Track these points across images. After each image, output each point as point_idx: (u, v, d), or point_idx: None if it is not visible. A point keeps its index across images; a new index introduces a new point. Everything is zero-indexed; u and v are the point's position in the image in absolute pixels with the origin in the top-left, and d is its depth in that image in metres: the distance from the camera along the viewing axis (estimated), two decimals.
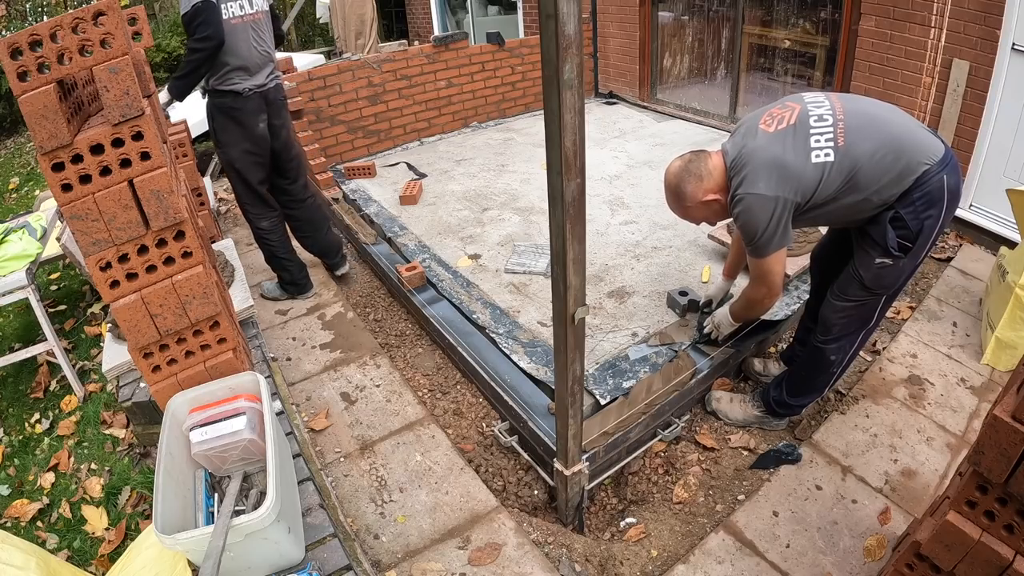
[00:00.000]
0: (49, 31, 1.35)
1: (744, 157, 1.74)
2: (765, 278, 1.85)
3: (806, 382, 2.10)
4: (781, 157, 1.68)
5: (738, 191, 1.74)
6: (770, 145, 1.70)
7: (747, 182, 1.71)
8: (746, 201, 1.71)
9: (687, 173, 1.83)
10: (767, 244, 1.74)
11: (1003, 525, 1.11)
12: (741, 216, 1.74)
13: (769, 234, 1.72)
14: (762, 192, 1.68)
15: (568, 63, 1.14)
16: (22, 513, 2.29)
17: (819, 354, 2.00)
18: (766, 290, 1.88)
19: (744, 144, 1.76)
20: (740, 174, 1.74)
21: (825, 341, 1.97)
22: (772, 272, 1.82)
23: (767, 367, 2.44)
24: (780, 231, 1.72)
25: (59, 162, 1.43)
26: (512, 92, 5.15)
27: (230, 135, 2.73)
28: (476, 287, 2.85)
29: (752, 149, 1.73)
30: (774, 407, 2.19)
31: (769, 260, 1.79)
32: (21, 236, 2.85)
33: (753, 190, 1.69)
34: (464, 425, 2.40)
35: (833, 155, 1.65)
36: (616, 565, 1.87)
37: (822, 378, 2.08)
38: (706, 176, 1.82)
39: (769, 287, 1.87)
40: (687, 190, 1.83)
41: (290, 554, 1.57)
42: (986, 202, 3.18)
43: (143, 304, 1.64)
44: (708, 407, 2.32)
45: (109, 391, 2.82)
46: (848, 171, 1.65)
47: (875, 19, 3.40)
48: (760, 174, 1.69)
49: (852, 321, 1.92)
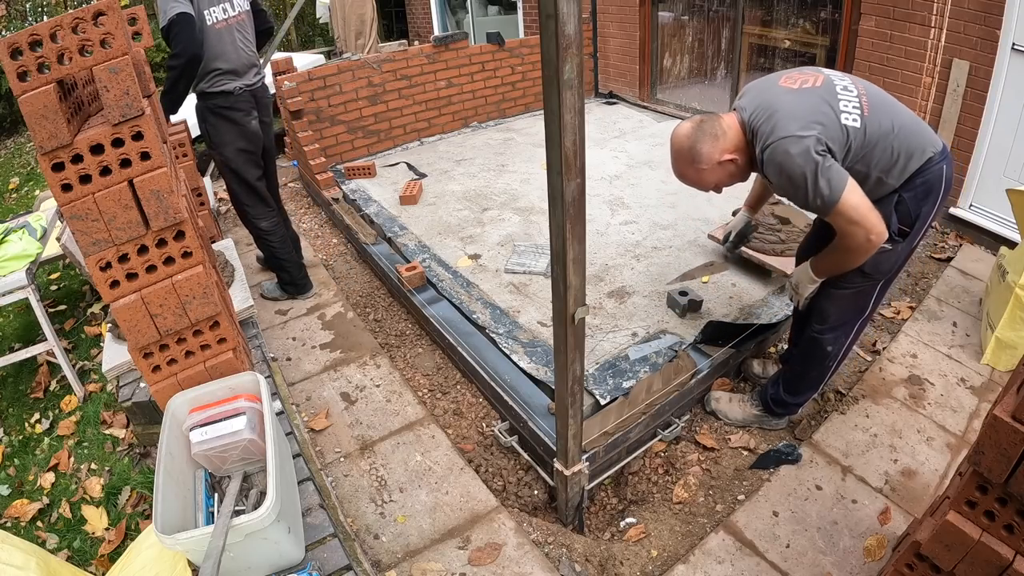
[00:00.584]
0: (49, 31, 1.35)
1: (768, 108, 1.62)
2: (854, 220, 1.59)
3: (803, 378, 2.10)
4: (813, 107, 1.59)
5: (769, 140, 1.59)
6: (799, 98, 1.61)
7: (778, 128, 1.57)
8: (780, 145, 1.56)
9: (701, 132, 1.69)
10: (823, 189, 1.55)
11: (1003, 525, 1.11)
12: (778, 164, 1.58)
13: (820, 174, 1.54)
14: (797, 132, 1.55)
15: (568, 63, 1.14)
16: (22, 513, 2.29)
17: (816, 345, 1.99)
18: (864, 230, 1.59)
19: (764, 99, 1.65)
20: (768, 123, 1.60)
21: (822, 331, 1.96)
22: (858, 212, 1.57)
23: (766, 368, 2.44)
24: (831, 167, 1.55)
25: (59, 162, 1.43)
26: (512, 92, 5.15)
27: (225, 134, 2.72)
28: (476, 287, 2.85)
29: (777, 101, 1.62)
30: (772, 406, 2.19)
31: (846, 202, 1.56)
32: (21, 236, 2.85)
33: (786, 133, 1.56)
34: (464, 425, 2.40)
35: (859, 122, 1.59)
36: (616, 565, 1.87)
37: (818, 371, 2.07)
38: (721, 135, 1.68)
39: (865, 225, 1.59)
40: (703, 150, 1.68)
41: (290, 554, 1.57)
42: (986, 202, 3.18)
43: (143, 304, 1.64)
44: (707, 407, 2.32)
45: (109, 391, 2.82)
46: (866, 144, 1.61)
47: (875, 19, 3.40)
48: (791, 119, 1.57)
49: (848, 310, 1.91)
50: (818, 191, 1.56)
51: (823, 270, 1.84)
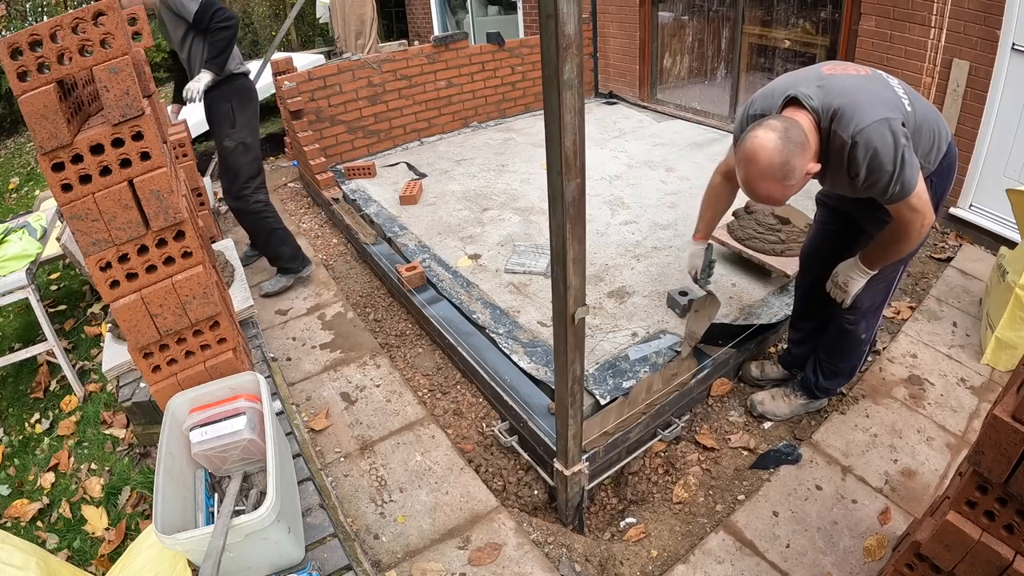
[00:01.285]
0: (49, 31, 1.35)
1: (846, 92, 1.54)
2: (918, 208, 1.59)
3: (840, 368, 2.16)
4: (886, 92, 1.57)
5: (864, 123, 1.49)
6: (869, 83, 1.58)
7: (870, 110, 1.50)
8: (877, 128, 1.48)
9: (791, 144, 1.49)
10: (904, 176, 1.51)
11: (1003, 525, 1.11)
12: (873, 148, 1.50)
13: (901, 162, 1.50)
14: (885, 115, 1.49)
15: (568, 63, 1.14)
16: (22, 513, 2.29)
17: (849, 336, 2.04)
18: (924, 217, 1.61)
19: (833, 84, 1.57)
20: (854, 105, 1.51)
21: (855, 321, 2.00)
22: (922, 197, 1.57)
23: (764, 371, 2.44)
24: (911, 155, 1.53)
25: (59, 162, 1.44)
26: (512, 92, 5.15)
27: (248, 115, 2.98)
28: (476, 287, 2.85)
29: (851, 85, 1.56)
30: (816, 392, 2.24)
31: (919, 191, 1.55)
32: (21, 236, 2.85)
33: (874, 118, 1.48)
34: (464, 425, 2.40)
35: (911, 107, 1.59)
36: (616, 565, 1.87)
37: (856, 358, 2.14)
38: (807, 143, 1.53)
39: (926, 213, 1.60)
40: (796, 165, 1.50)
41: (290, 554, 1.57)
42: (986, 202, 3.18)
43: (143, 304, 1.64)
44: (754, 412, 2.32)
45: (109, 391, 2.82)
46: (915, 128, 1.61)
47: (875, 19, 3.40)
48: (878, 102, 1.52)
49: (877, 294, 1.95)
50: (903, 176, 1.52)
51: (878, 261, 1.81)
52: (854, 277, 1.87)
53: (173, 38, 2.89)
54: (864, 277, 1.86)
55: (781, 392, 2.31)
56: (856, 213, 1.95)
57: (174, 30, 2.84)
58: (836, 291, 1.94)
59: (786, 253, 2.61)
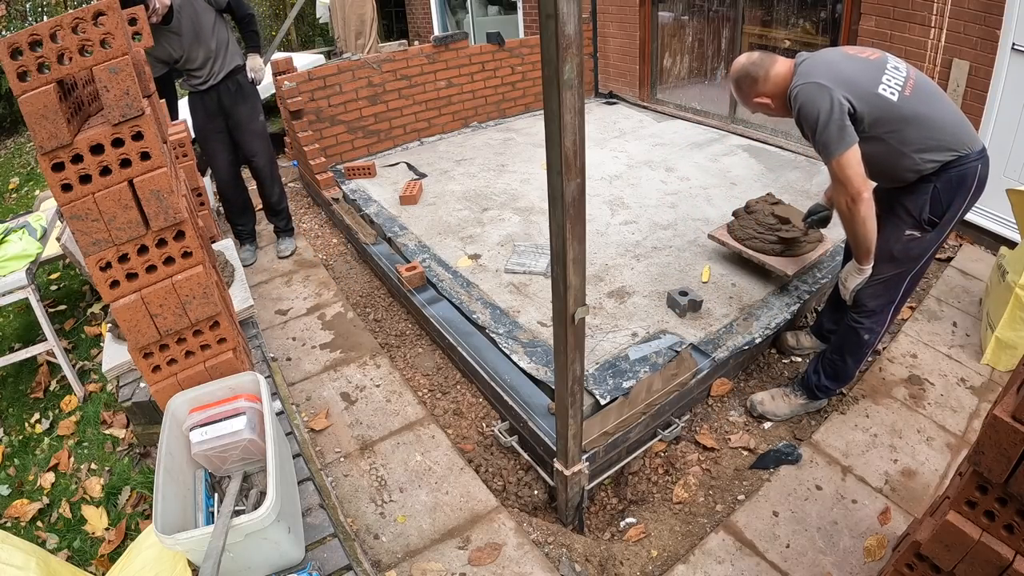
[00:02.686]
0: (49, 31, 1.35)
1: (816, 60, 1.82)
2: (841, 181, 1.77)
3: (842, 366, 2.19)
4: (848, 69, 1.77)
5: (798, 82, 1.78)
6: (842, 60, 1.81)
7: (812, 75, 1.76)
8: (803, 90, 1.75)
9: (745, 74, 1.92)
10: (830, 138, 1.72)
11: (1003, 525, 1.11)
12: (799, 108, 1.77)
13: (829, 124, 1.71)
14: (819, 81, 1.73)
15: (568, 63, 1.14)
16: (22, 513, 2.29)
17: (853, 334, 2.10)
18: (847, 195, 1.78)
19: (820, 54, 1.85)
20: (807, 69, 1.80)
21: (859, 320, 2.07)
22: (847, 173, 1.74)
23: (799, 340, 2.55)
24: (841, 123, 1.71)
25: (59, 162, 1.43)
26: (512, 92, 5.15)
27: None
28: (476, 287, 2.85)
29: (823, 57, 1.83)
30: (817, 392, 2.26)
31: (841, 160, 1.73)
32: (21, 236, 2.85)
33: (809, 80, 1.75)
34: (464, 425, 2.40)
35: (896, 97, 1.73)
36: (616, 565, 1.87)
37: (856, 358, 2.17)
38: (762, 80, 1.89)
39: (848, 189, 1.76)
40: (743, 87, 1.95)
41: (290, 554, 1.57)
42: (986, 202, 3.15)
43: (143, 304, 1.64)
44: (754, 412, 2.33)
45: (109, 391, 2.82)
46: (902, 119, 1.74)
47: (875, 19, 3.40)
48: (821, 71, 1.76)
49: (882, 298, 2.02)
50: (823, 138, 1.73)
51: (856, 253, 1.97)
52: (852, 274, 2.02)
53: (200, 28, 3.00)
54: (858, 274, 2.00)
55: (781, 392, 2.32)
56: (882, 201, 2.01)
57: (203, 18, 3.00)
58: (841, 287, 2.09)
59: (786, 253, 2.61)
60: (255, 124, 3.35)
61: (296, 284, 3.34)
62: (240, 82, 3.23)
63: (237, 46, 3.23)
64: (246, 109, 3.29)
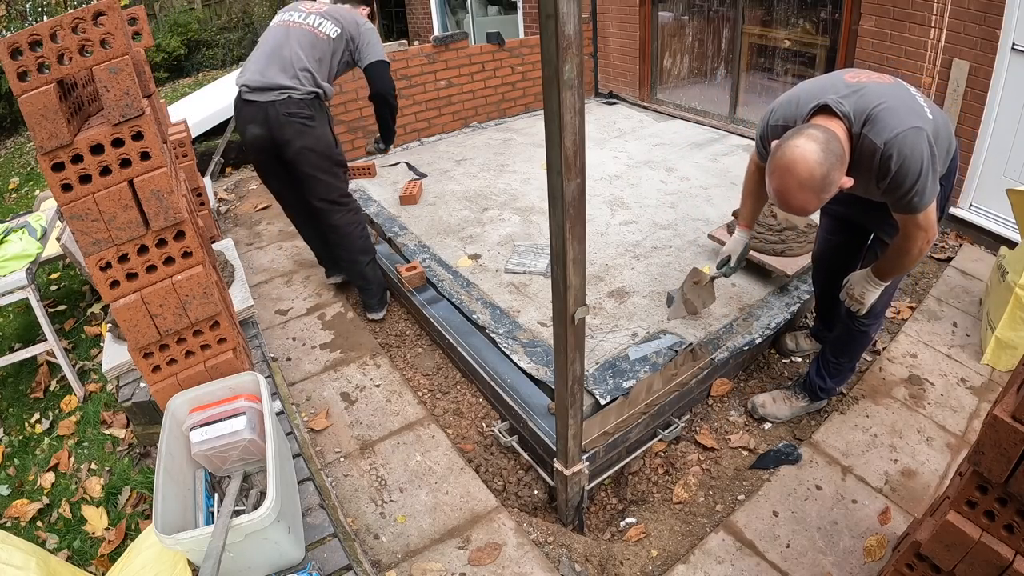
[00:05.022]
0: (49, 31, 1.35)
1: (879, 98, 1.52)
2: (924, 226, 1.62)
3: (845, 365, 2.19)
4: (912, 101, 1.57)
5: (898, 129, 1.49)
6: (896, 91, 1.58)
7: (904, 118, 1.50)
8: (911, 135, 1.48)
9: (832, 156, 1.46)
10: (924, 190, 1.53)
11: (1003, 525, 1.11)
12: (905, 155, 1.49)
13: (926, 175, 1.51)
14: (919, 125, 1.50)
15: (568, 63, 1.14)
16: (22, 513, 2.29)
17: (863, 337, 2.10)
18: (926, 240, 1.65)
19: (864, 94, 1.55)
20: (888, 111, 1.51)
21: (868, 324, 2.05)
22: (931, 219, 1.61)
23: (798, 343, 2.55)
24: (935, 171, 1.54)
25: (59, 162, 1.43)
26: (512, 92, 5.15)
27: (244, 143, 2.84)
28: (476, 287, 2.85)
29: (882, 93, 1.54)
30: (819, 393, 2.25)
31: (928, 211, 1.58)
32: (21, 236, 2.85)
33: (908, 125, 1.49)
34: (464, 425, 2.40)
35: (931, 115, 1.58)
36: (616, 565, 1.87)
37: (858, 356, 2.19)
38: (844, 156, 1.51)
39: (929, 234, 1.64)
40: (835, 178, 1.48)
41: (290, 554, 1.57)
42: (986, 202, 3.18)
43: (143, 304, 1.64)
44: (755, 415, 2.33)
45: (109, 391, 2.82)
46: (935, 137, 1.59)
47: (875, 19, 3.40)
48: (910, 112, 1.52)
49: (889, 295, 2.01)
50: (925, 189, 1.53)
51: (888, 274, 1.84)
52: (869, 289, 1.90)
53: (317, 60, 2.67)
54: (877, 288, 1.90)
55: (782, 395, 2.31)
56: (863, 219, 1.98)
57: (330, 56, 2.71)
58: (852, 303, 1.96)
59: (786, 253, 2.61)
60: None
61: (296, 284, 3.34)
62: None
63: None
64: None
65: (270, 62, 2.63)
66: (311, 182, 2.80)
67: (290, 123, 2.62)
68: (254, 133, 2.67)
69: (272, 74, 2.60)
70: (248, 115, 2.65)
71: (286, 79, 2.61)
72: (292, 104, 2.62)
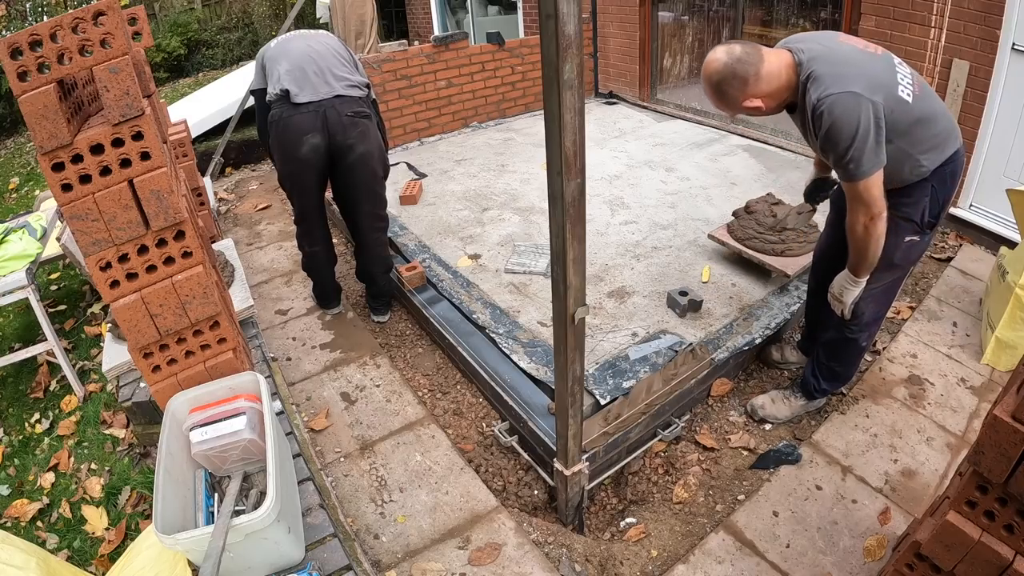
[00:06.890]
0: (49, 31, 1.35)
1: (834, 58, 1.58)
2: (864, 201, 1.62)
3: (841, 370, 2.19)
4: (872, 68, 1.58)
5: (831, 90, 1.53)
6: (866, 58, 1.60)
7: (844, 81, 1.53)
8: (838, 101, 1.52)
9: (732, 74, 1.62)
10: (860, 158, 1.54)
11: (1003, 525, 1.11)
12: (834, 116, 1.53)
13: (862, 143, 1.53)
14: (854, 90, 1.51)
15: (568, 63, 1.14)
16: (22, 513, 2.29)
17: (852, 345, 2.08)
18: (867, 215, 1.63)
19: (829, 47, 1.61)
20: (833, 73, 1.55)
21: (857, 331, 2.03)
22: (873, 194, 1.60)
23: (784, 354, 2.51)
24: (877, 142, 1.54)
25: (59, 162, 1.43)
26: (512, 92, 5.15)
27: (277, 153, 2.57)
28: (476, 287, 2.85)
29: (845, 54, 1.59)
30: (815, 393, 2.25)
31: (869, 181, 1.58)
32: (21, 236, 2.85)
33: (844, 89, 1.52)
34: (464, 425, 2.40)
35: (911, 98, 1.60)
36: (616, 565, 1.87)
37: (856, 361, 2.20)
38: (753, 79, 1.62)
39: (871, 209, 1.62)
40: (728, 92, 1.65)
41: (290, 554, 1.57)
42: (986, 202, 3.18)
43: (143, 304, 1.64)
44: (755, 417, 2.33)
45: (109, 391, 2.82)
46: (915, 121, 1.62)
47: (875, 19, 3.40)
48: (860, 76, 1.54)
49: (881, 305, 1.99)
50: (858, 157, 1.55)
51: (856, 266, 1.82)
52: (847, 287, 1.88)
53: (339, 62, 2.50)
54: (855, 287, 1.86)
55: (781, 395, 2.31)
56: None
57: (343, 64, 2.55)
58: (834, 303, 1.96)
59: (786, 253, 2.61)
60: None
61: (296, 284, 3.34)
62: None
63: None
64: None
65: (305, 66, 2.37)
66: (364, 192, 2.56)
67: (354, 124, 2.36)
68: (313, 144, 2.38)
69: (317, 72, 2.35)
70: (302, 124, 2.35)
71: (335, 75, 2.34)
72: (353, 103, 2.35)
